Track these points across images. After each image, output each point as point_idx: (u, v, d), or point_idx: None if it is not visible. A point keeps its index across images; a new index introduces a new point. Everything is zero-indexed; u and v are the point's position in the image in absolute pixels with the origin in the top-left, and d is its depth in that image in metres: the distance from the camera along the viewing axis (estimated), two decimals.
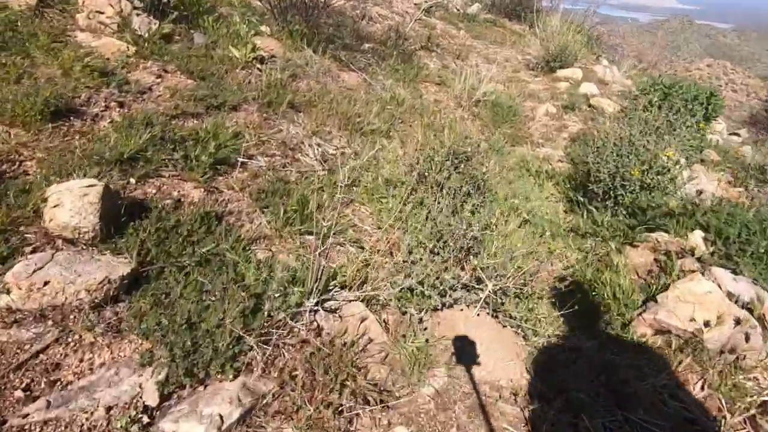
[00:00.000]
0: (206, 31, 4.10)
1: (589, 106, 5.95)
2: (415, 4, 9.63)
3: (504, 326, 2.34)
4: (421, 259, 2.42)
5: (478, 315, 2.30)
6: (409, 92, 5.68)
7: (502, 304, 2.36)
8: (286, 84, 4.04)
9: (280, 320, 1.92)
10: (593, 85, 6.51)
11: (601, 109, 5.79)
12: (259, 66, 3.95)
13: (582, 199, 3.44)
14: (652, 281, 2.64)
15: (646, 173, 3.06)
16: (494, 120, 5.55)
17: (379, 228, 2.88)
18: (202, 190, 2.52)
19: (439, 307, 2.31)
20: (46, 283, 1.67)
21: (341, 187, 2.43)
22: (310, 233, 2.49)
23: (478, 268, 2.36)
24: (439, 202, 2.88)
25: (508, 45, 9.01)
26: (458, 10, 10.33)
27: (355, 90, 4.90)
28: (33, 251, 1.83)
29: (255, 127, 3.18)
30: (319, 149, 3.46)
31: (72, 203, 1.87)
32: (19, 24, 3.08)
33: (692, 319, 2.33)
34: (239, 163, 2.77)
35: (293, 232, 2.49)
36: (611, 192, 3.21)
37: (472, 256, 2.52)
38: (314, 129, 3.64)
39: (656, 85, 4.83)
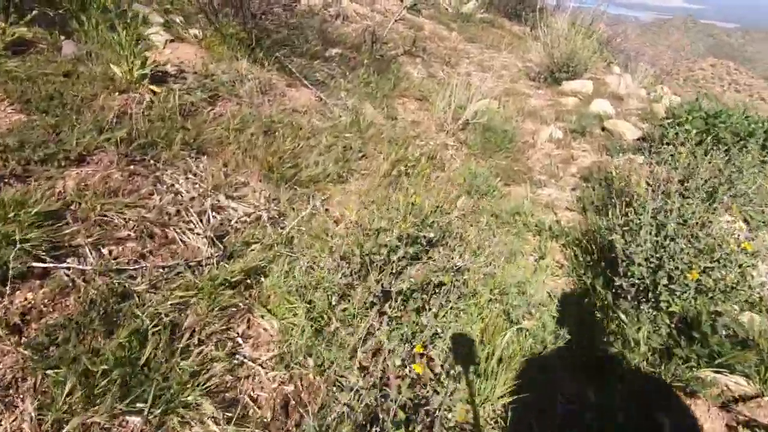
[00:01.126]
0: (84, 37, 2.97)
1: (603, 129, 4.83)
2: (401, 1, 8.47)
3: None
4: None
5: None
6: (380, 112, 4.56)
7: None
8: (193, 112, 2.92)
9: None
10: (606, 102, 5.39)
11: (619, 134, 4.67)
12: (154, 87, 2.82)
13: (604, 294, 2.33)
14: None
15: (707, 271, 1.96)
16: (485, 148, 4.43)
17: (282, 363, 1.78)
18: None
19: None
20: None
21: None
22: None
23: None
24: (380, 326, 1.78)
25: (506, 49, 7.87)
26: (450, 8, 9.18)
27: (304, 113, 3.78)
28: None
29: (104, 192, 2.06)
30: (218, 217, 2.34)
31: None
32: None
33: None
34: (31, 273, 1.66)
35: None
36: (649, 293, 2.10)
37: None
38: (218, 182, 2.53)
39: (694, 112, 3.72)
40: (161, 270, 1.93)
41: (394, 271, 1.83)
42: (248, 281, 2.10)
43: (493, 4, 9.82)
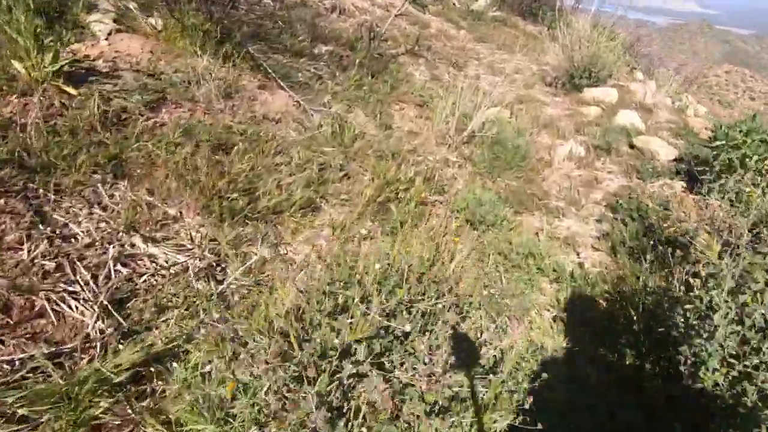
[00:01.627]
0: None
1: (632, 146, 4.15)
2: None
3: None
4: None
5: None
6: (372, 120, 3.92)
7: None
8: (121, 122, 2.29)
9: None
10: (634, 113, 4.70)
11: (650, 153, 3.99)
12: (69, 89, 2.19)
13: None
14: None
15: None
16: (493, 166, 3.78)
17: None
18: None
19: None
20: None
21: None
22: None
23: None
24: None
25: (520, 51, 7.17)
26: (459, 4, 8.49)
27: (276, 122, 3.15)
28: None
29: None
30: (123, 272, 1.72)
31: None
32: None
33: None
34: None
35: None
36: (728, 413, 1.44)
37: None
38: (136, 218, 1.90)
39: (753, 134, 3.01)
40: (7, 367, 1.30)
41: (345, 386, 1.19)
42: (149, 371, 1.47)
43: (507, 1, 9.12)
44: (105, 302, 1.56)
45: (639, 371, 1.80)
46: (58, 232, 1.68)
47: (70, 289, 1.55)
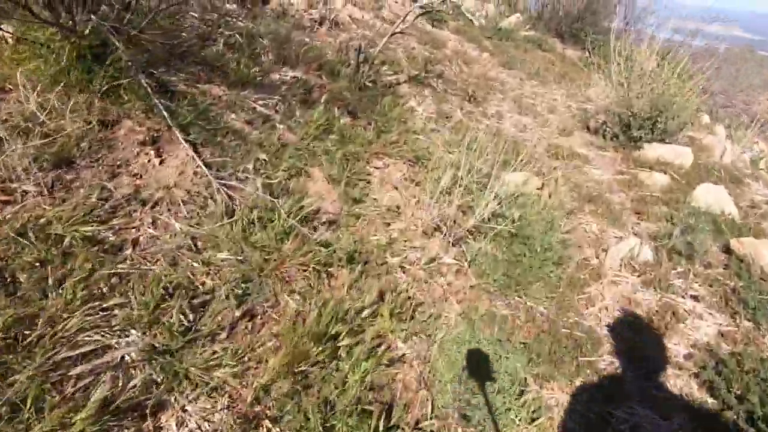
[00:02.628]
0: None
1: (728, 251, 2.75)
2: (421, 7, 6.56)
3: None
4: None
5: None
6: (335, 188, 2.67)
7: None
8: None
9: None
10: (720, 190, 3.29)
11: (760, 268, 2.58)
12: None
13: None
14: None
15: None
16: (510, 276, 2.45)
17: None
18: None
19: None
20: None
21: None
22: None
23: None
24: None
25: (556, 81, 5.84)
26: (485, 21, 7.20)
27: (154, 205, 1.92)
28: None
29: None
30: None
31: None
32: None
33: None
34: None
35: None
36: None
37: None
38: None
39: None
40: None
41: None
42: None
43: (542, 19, 7.78)
44: None
45: None
46: None
47: None
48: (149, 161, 2.08)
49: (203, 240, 1.90)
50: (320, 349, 1.68)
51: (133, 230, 1.78)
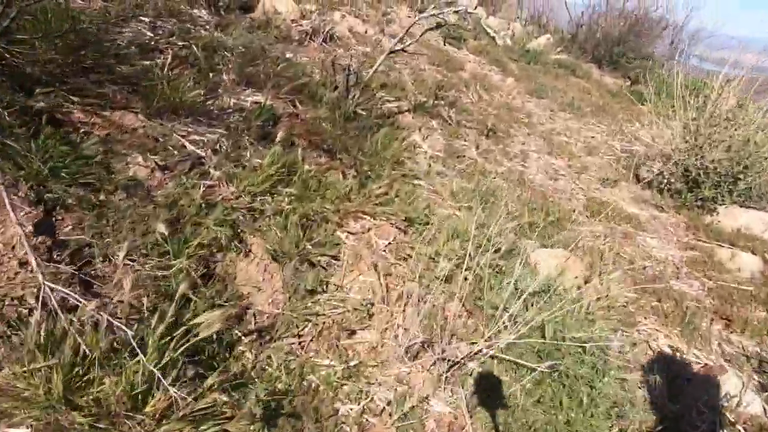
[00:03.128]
0: None
1: None
2: (437, 23, 5.76)
3: None
4: None
5: None
6: (279, 270, 1.80)
7: None
8: None
9: None
10: None
11: None
12: None
13: None
14: None
15: None
16: None
17: None
18: None
19: None
20: None
21: None
22: None
23: None
24: None
25: (593, 114, 4.93)
26: (511, 41, 6.36)
27: None
28: None
29: None
30: None
31: None
32: None
33: None
34: None
35: None
36: None
37: None
38: None
39: None
40: None
41: None
42: None
43: (576, 41, 6.91)
44: None
45: None
46: None
47: None
48: None
49: None
50: None
51: None
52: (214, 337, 1.42)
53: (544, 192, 3.28)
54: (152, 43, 2.72)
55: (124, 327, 1.18)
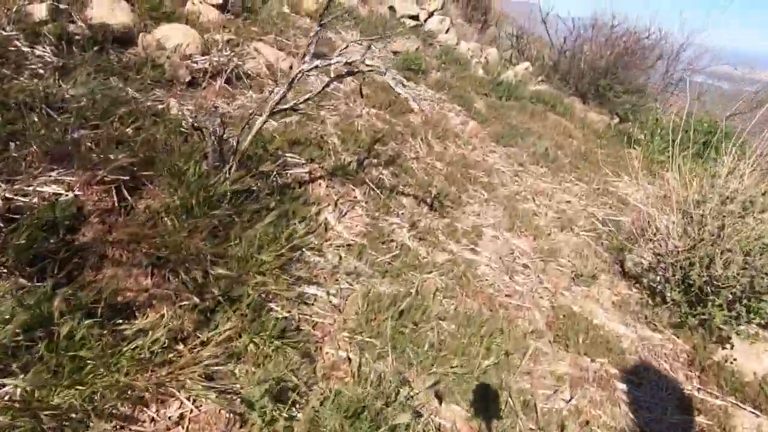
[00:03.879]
0: None
1: None
2: (394, 52, 4.96)
3: None
4: None
5: None
6: None
7: None
8: None
9: None
10: None
11: None
12: None
13: None
14: None
15: None
16: None
17: None
18: None
19: None
20: None
21: None
22: None
23: None
24: None
25: (572, 165, 4.11)
26: (483, 71, 5.55)
27: None
28: None
29: None
30: None
31: None
32: None
33: None
34: None
35: None
36: None
37: None
38: None
39: None
40: None
41: None
42: None
43: (559, 70, 6.11)
44: None
45: None
46: None
47: None
48: None
49: None
50: None
51: None
52: None
53: (493, 298, 2.42)
54: None
55: None
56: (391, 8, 6.11)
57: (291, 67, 3.81)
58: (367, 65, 2.00)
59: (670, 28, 6.29)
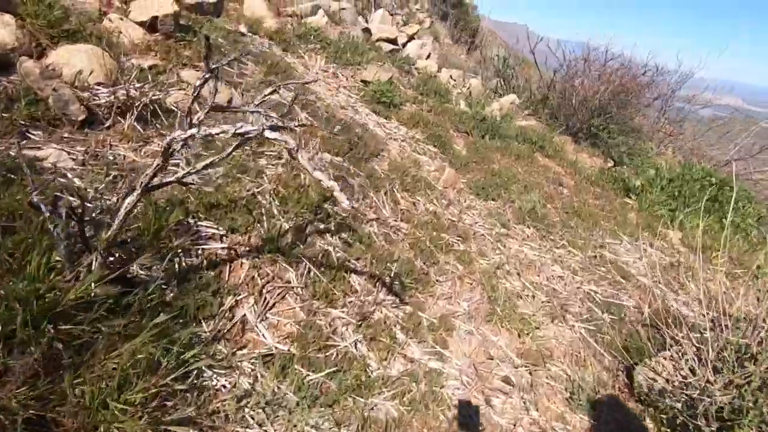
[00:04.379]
0: None
1: None
2: (364, 81, 4.37)
3: None
4: None
5: None
6: None
7: None
8: None
9: None
10: None
11: None
12: None
13: None
14: None
15: None
16: None
17: None
18: None
19: None
20: None
21: None
22: None
23: None
24: None
25: (563, 224, 3.54)
26: (463, 103, 4.99)
27: None
28: None
29: None
30: None
31: None
32: None
33: None
34: None
35: None
36: None
37: None
38: None
39: None
40: None
41: None
42: None
43: (548, 106, 5.60)
44: None
45: None
46: None
47: None
48: None
49: None
50: None
51: None
52: None
53: None
54: None
55: None
56: (367, 30, 5.55)
57: (231, 101, 3.16)
58: (271, 136, 1.36)
59: (666, 59, 5.87)
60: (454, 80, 5.78)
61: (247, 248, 2.19)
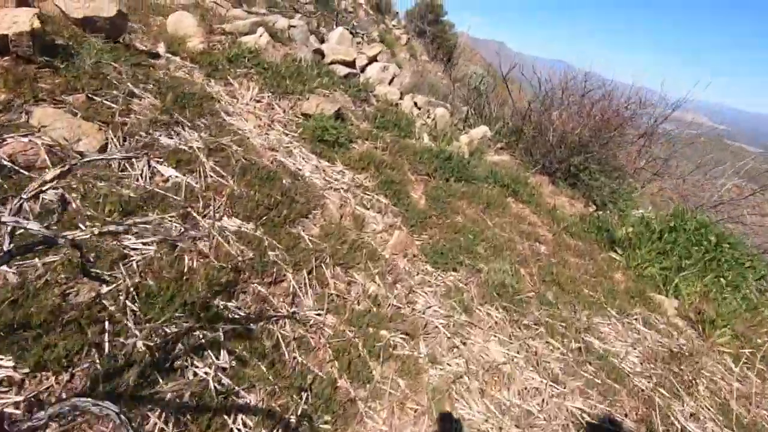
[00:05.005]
0: None
1: None
2: (305, 115, 3.67)
3: None
4: None
5: None
6: None
7: None
8: None
9: None
10: None
11: None
12: None
13: None
14: None
15: None
16: None
17: None
18: None
19: None
20: None
21: None
22: None
23: None
24: None
25: (540, 300, 2.87)
26: (426, 137, 4.35)
27: None
28: None
29: None
30: None
31: None
32: None
33: None
34: None
35: None
36: None
37: None
38: None
39: None
40: None
41: None
42: None
43: (523, 140, 5.03)
44: None
45: None
46: None
47: None
48: None
49: None
50: None
51: None
52: None
53: None
54: None
55: None
56: (319, 52, 4.88)
57: (104, 148, 2.41)
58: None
59: (651, 88, 5.41)
60: (419, 108, 5.16)
61: (66, 392, 1.43)
